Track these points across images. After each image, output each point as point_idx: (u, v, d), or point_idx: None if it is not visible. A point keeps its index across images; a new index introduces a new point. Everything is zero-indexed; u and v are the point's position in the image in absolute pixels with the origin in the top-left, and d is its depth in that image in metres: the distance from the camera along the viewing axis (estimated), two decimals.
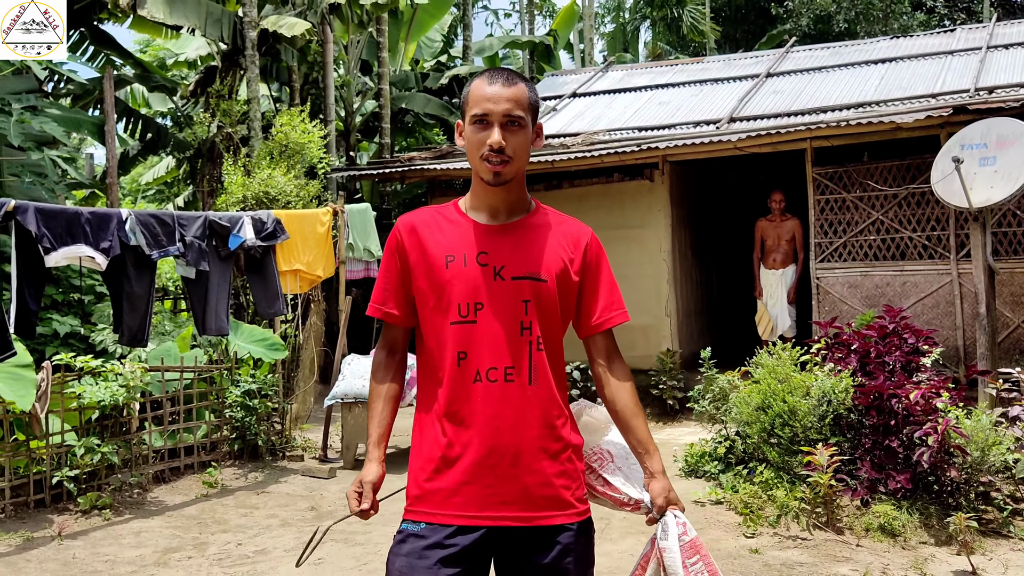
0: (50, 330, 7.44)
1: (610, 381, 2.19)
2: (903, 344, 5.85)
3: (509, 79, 2.09)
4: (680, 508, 2.15)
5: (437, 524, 2.02)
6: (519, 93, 2.08)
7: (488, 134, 2.06)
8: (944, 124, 7.67)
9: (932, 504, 5.12)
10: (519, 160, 2.09)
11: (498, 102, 2.05)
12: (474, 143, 2.08)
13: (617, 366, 2.21)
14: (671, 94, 11.90)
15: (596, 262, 2.21)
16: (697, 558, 2.05)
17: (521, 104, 2.07)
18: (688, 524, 2.11)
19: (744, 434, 6.01)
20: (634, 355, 9.35)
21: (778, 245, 9.20)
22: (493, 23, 32.72)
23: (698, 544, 2.07)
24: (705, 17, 21.18)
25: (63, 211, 5.48)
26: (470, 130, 2.09)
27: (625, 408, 2.18)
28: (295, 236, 7.05)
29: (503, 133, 2.05)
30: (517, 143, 2.07)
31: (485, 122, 2.06)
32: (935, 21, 20.35)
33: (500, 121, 2.05)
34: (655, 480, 2.15)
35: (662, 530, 2.11)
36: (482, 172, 2.09)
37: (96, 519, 5.66)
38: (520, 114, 2.07)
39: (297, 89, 12.28)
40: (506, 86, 2.07)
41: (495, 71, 2.12)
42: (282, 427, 7.50)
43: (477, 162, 2.09)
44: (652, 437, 2.19)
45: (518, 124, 2.07)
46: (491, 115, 2.05)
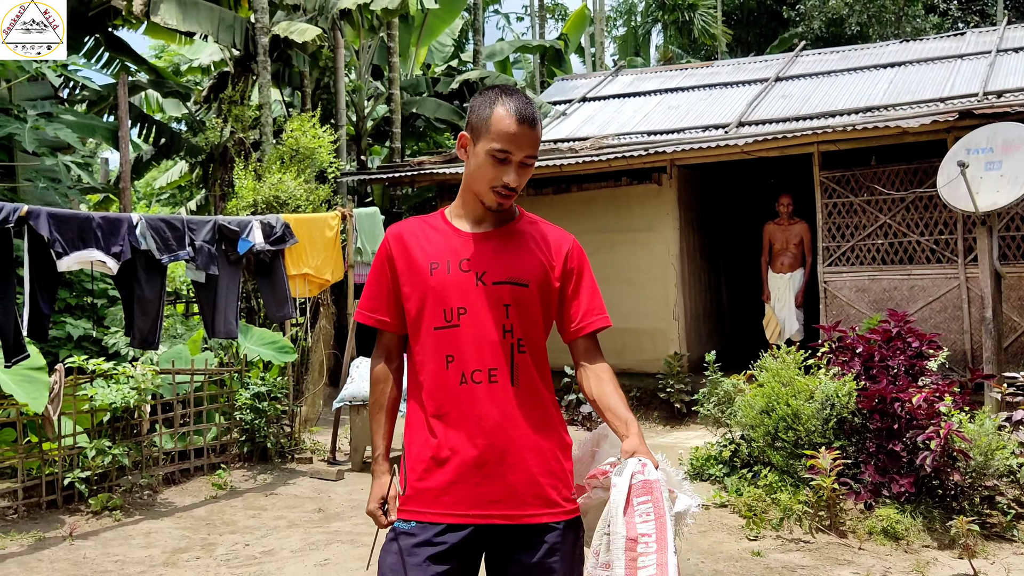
0: (64, 333, 7.55)
1: (590, 378, 2.22)
2: (907, 348, 5.86)
3: (534, 121, 2.12)
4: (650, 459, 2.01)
5: (427, 523, 2.08)
6: (539, 135, 2.14)
7: (505, 171, 2.12)
8: (951, 128, 7.67)
9: (935, 508, 5.13)
10: (520, 190, 2.17)
11: (522, 147, 2.11)
12: (488, 175, 2.13)
13: (600, 365, 2.23)
14: (681, 98, 11.94)
15: (577, 268, 2.26)
16: (648, 499, 1.93)
17: (537, 145, 2.14)
18: (649, 466, 1.97)
19: (749, 437, 6.03)
20: (642, 359, 9.39)
21: (786, 249, 9.21)
22: (504, 27, 32.78)
23: (652, 485, 1.94)
24: (717, 20, 21.19)
25: (75, 216, 5.57)
26: (487, 161, 2.12)
27: (603, 395, 2.16)
28: (304, 240, 7.13)
29: (518, 171, 2.13)
30: (525, 179, 2.16)
31: (506, 161, 2.11)
32: (948, 24, 20.27)
33: (519, 162, 2.12)
34: (629, 439, 2.06)
35: (620, 468, 2.00)
36: (487, 200, 2.16)
37: (107, 520, 5.74)
38: (535, 155, 2.15)
39: (309, 94, 12.37)
40: (532, 129, 2.11)
41: (523, 104, 2.11)
42: (291, 429, 7.58)
43: (484, 190, 2.14)
44: (633, 416, 2.13)
45: (531, 164, 2.15)
46: (513, 156, 2.11)
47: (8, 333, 5.22)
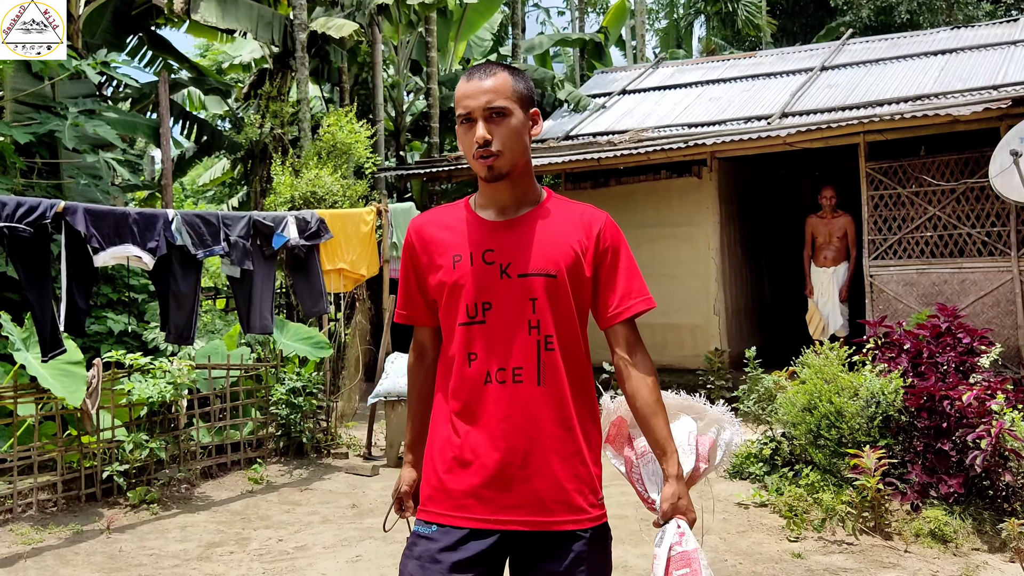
0: (105, 328, 7.64)
1: (632, 375, 2.10)
2: (957, 344, 5.65)
3: (487, 71, 2.04)
4: (688, 518, 2.06)
5: (449, 526, 2.00)
6: (498, 83, 2.02)
7: (474, 130, 2.01)
8: (1003, 116, 7.39)
9: (985, 510, 4.93)
10: (511, 151, 2.03)
11: (476, 96, 2.01)
12: (465, 144, 2.05)
13: (639, 359, 2.12)
14: (722, 90, 11.73)
15: (612, 248, 2.11)
16: (686, 571, 1.95)
17: (502, 93, 2.01)
18: (688, 534, 2.01)
19: (790, 435, 5.88)
20: (682, 354, 9.24)
21: (829, 242, 8.98)
22: (545, 21, 32.64)
23: (691, 557, 1.97)
24: (761, 11, 20.82)
25: (111, 212, 5.61)
26: (459, 132, 2.06)
27: (645, 405, 2.09)
28: (339, 235, 7.11)
29: (487, 126, 2.00)
30: (504, 134, 2.01)
31: (470, 120, 2.02)
32: (1001, 11, 19.66)
33: (483, 115, 2.01)
34: (668, 484, 2.07)
35: (660, 536, 2.04)
36: (477, 170, 2.05)
37: (144, 513, 5.78)
38: (502, 104, 2.01)
39: (347, 90, 12.40)
40: (483, 78, 2.02)
41: (474, 67, 2.07)
42: (327, 425, 7.58)
43: (472, 161, 2.05)
44: (672, 437, 2.10)
45: (502, 114, 2.01)
46: (473, 111, 2.01)
47: (45, 328, 5.27)
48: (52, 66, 7.16)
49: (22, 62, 7.75)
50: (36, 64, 7.22)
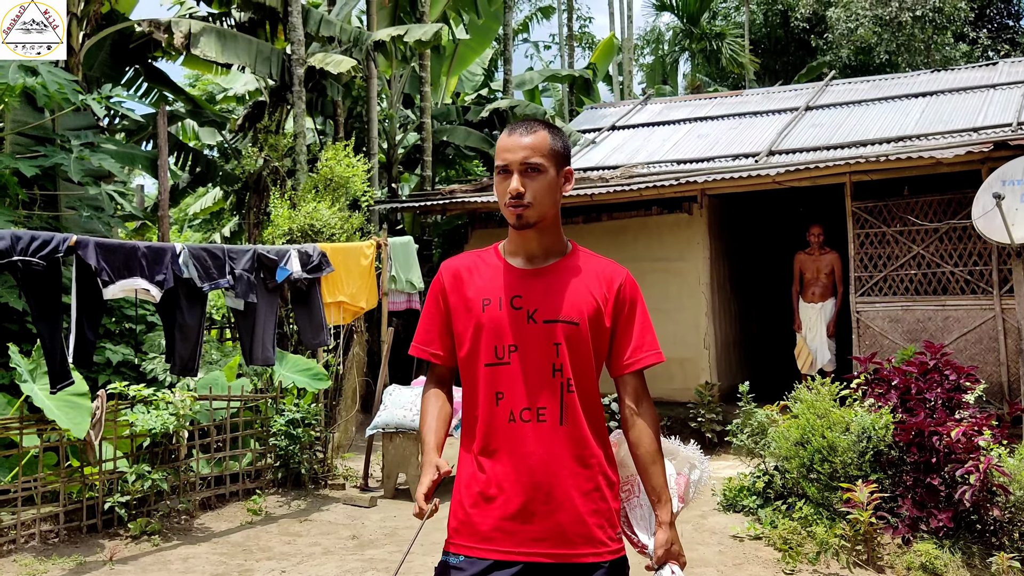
0: (103, 359, 7.68)
1: (636, 424, 2.26)
2: (944, 380, 5.83)
3: (528, 129, 2.20)
4: (680, 563, 2.20)
5: (475, 558, 2.12)
6: (537, 141, 2.18)
7: (509, 182, 2.18)
8: (985, 159, 7.65)
9: (975, 543, 5.08)
10: (540, 204, 2.19)
11: (515, 152, 2.17)
12: (499, 193, 2.22)
13: (645, 408, 2.27)
14: (710, 127, 11.99)
15: (630, 302, 2.27)
16: None
17: (539, 151, 2.18)
18: None
19: (783, 469, 6.01)
20: (672, 387, 9.37)
21: (817, 279, 9.19)
22: (533, 55, 33.06)
23: None
24: (744, 49, 21.28)
25: (121, 245, 5.70)
26: (496, 180, 2.23)
27: (646, 454, 2.24)
28: (339, 268, 7.22)
29: (522, 179, 2.16)
30: (536, 188, 2.17)
31: (506, 171, 2.19)
32: (978, 52, 20.18)
33: (519, 169, 2.17)
34: (661, 531, 2.21)
35: None
36: (508, 217, 2.21)
37: (145, 544, 5.81)
38: (537, 161, 2.17)
39: (341, 123, 12.56)
40: (524, 135, 2.18)
41: (519, 123, 2.22)
42: (324, 456, 7.64)
43: (504, 209, 2.21)
44: (667, 485, 2.25)
45: (537, 170, 2.17)
46: (510, 164, 2.18)
47: (55, 359, 5.34)
48: (57, 99, 7.26)
49: (26, 95, 7.86)
50: (41, 98, 7.31)
